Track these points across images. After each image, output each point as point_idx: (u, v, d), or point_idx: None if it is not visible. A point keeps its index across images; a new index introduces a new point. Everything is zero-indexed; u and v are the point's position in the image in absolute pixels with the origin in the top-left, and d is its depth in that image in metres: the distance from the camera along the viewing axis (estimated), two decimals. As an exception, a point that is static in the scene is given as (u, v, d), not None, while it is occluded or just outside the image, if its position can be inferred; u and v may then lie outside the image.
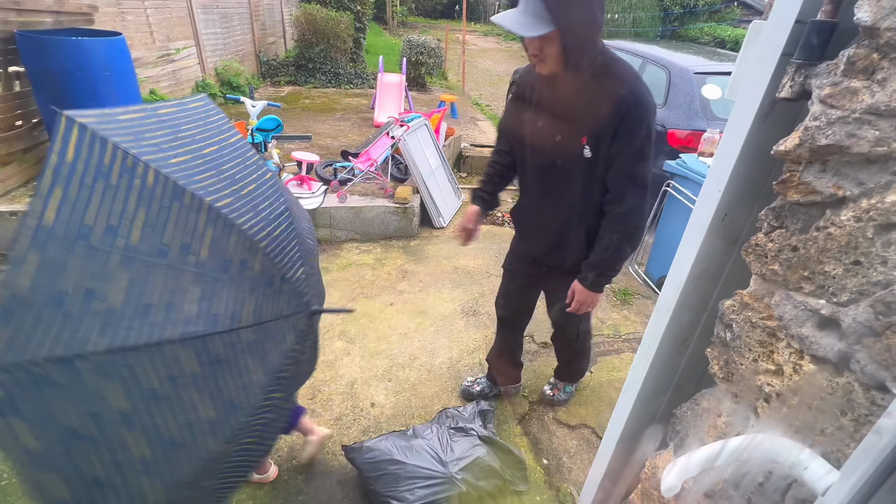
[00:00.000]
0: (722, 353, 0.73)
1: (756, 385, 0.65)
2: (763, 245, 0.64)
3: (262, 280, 0.85)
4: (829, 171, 0.55)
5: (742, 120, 0.67)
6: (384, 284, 3.24)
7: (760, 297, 0.66)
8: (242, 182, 0.93)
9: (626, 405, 0.96)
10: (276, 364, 0.87)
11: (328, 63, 7.98)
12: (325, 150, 4.74)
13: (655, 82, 4.38)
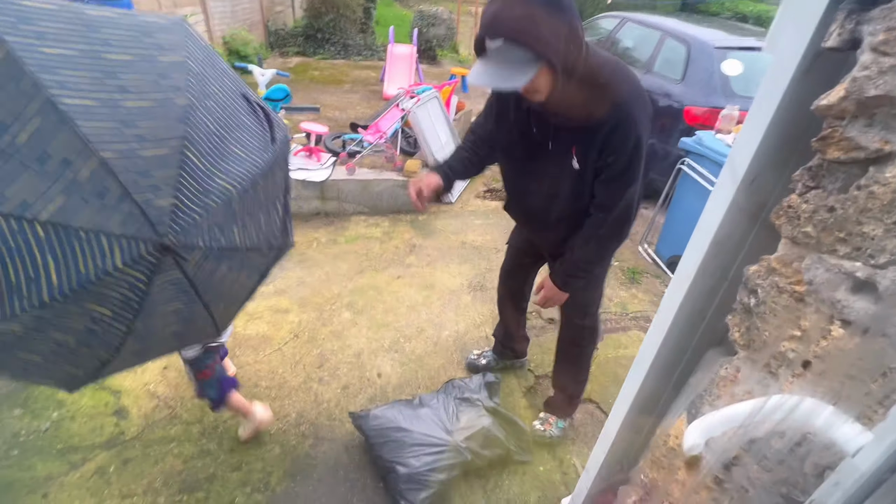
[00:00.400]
0: (744, 319, 0.71)
1: (779, 351, 0.64)
2: (796, 207, 0.61)
3: (88, 188, 0.82)
4: (877, 124, 0.51)
5: (780, 75, 0.63)
6: (392, 258, 3.23)
7: (789, 262, 0.63)
8: (137, 95, 0.90)
9: (640, 373, 0.95)
10: (86, 276, 0.84)
11: (337, 34, 7.81)
12: (333, 122, 4.67)
13: (673, 57, 4.25)
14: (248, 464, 1.85)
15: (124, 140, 0.86)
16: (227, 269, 1.11)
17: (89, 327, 0.93)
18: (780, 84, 0.63)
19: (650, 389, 0.96)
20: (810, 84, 0.61)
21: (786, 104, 0.64)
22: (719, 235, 0.77)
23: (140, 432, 1.93)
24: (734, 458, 0.68)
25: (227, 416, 2.02)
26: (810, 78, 0.61)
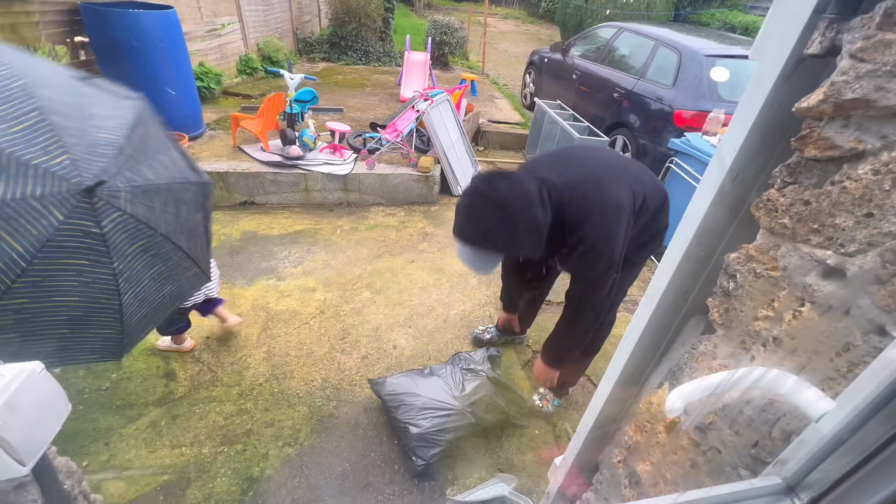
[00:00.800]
0: (723, 301, 0.71)
1: (754, 330, 0.64)
2: (775, 200, 0.61)
3: None
4: (852, 125, 0.51)
5: (765, 79, 0.62)
6: (406, 244, 3.24)
7: (766, 250, 0.63)
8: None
9: (627, 349, 0.95)
10: (41, 236, 0.88)
11: (359, 41, 7.74)
12: (355, 121, 4.66)
13: (666, 64, 4.15)
14: (280, 422, 1.90)
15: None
16: (163, 205, 1.16)
17: (81, 280, 0.97)
18: (764, 87, 0.62)
19: (636, 363, 0.96)
20: (792, 88, 0.60)
21: (769, 106, 0.63)
22: (704, 226, 0.76)
23: (186, 392, 1.99)
24: (709, 423, 0.69)
25: (262, 381, 2.07)
26: (792, 82, 0.60)
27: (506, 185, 1.26)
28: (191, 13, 4.89)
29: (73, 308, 0.99)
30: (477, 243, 1.29)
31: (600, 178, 1.40)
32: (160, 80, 3.48)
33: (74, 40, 3.50)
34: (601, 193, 1.36)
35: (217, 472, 1.69)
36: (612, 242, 1.35)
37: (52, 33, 3.29)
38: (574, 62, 5.42)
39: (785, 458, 0.52)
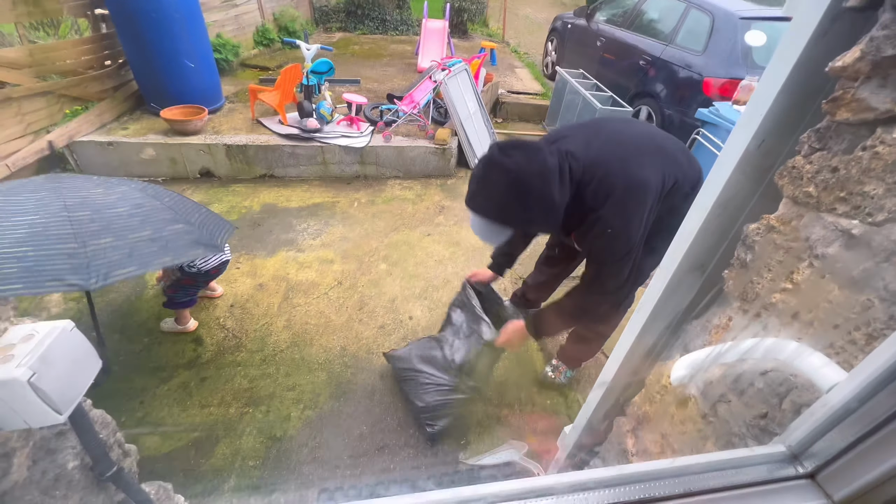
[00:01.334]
0: (740, 273, 0.69)
1: (771, 302, 0.62)
2: (800, 167, 0.58)
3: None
4: (890, 84, 0.47)
5: (798, 38, 0.58)
6: (423, 217, 3.24)
7: (788, 220, 0.60)
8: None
9: (639, 321, 0.94)
10: None
11: (376, 9, 7.52)
12: (372, 93, 4.59)
13: (696, 28, 3.90)
14: (301, 386, 1.98)
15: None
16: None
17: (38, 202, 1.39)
18: (797, 46, 0.58)
19: (648, 335, 0.96)
20: (827, 46, 0.56)
21: (800, 67, 0.59)
22: (724, 196, 0.74)
23: (213, 357, 2.08)
24: (719, 395, 0.69)
25: (283, 348, 2.15)
26: (827, 40, 0.56)
27: (524, 156, 1.19)
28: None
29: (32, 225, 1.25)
30: (488, 215, 1.26)
31: (628, 155, 1.30)
32: (179, 53, 3.48)
33: (95, 13, 3.52)
34: (626, 172, 1.26)
35: (243, 431, 1.79)
36: (631, 226, 1.26)
37: (74, 6, 3.32)
38: (599, 28, 5.16)
39: (791, 427, 0.51)
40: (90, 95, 3.50)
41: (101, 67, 3.61)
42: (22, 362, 0.45)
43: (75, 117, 3.34)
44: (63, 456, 0.63)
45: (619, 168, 1.27)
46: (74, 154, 3.31)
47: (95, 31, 3.60)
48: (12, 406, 0.46)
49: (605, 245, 1.31)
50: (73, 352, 0.50)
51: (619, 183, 1.25)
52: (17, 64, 2.96)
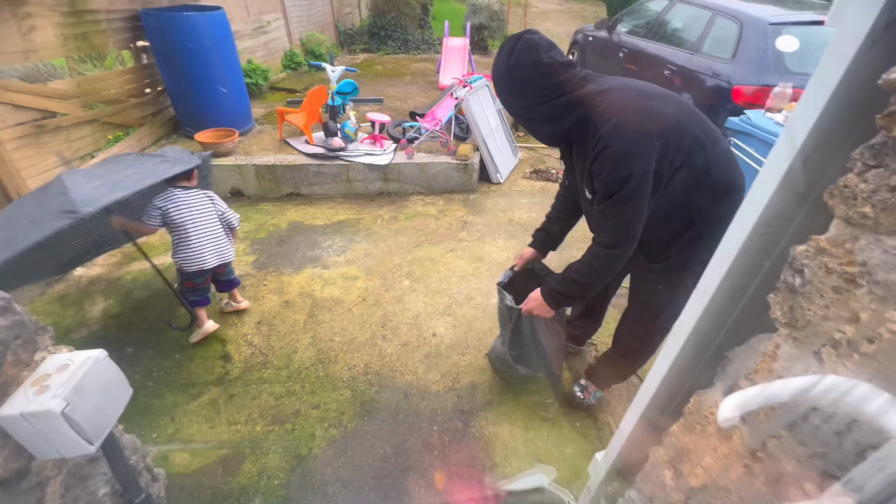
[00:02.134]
0: (787, 298, 0.64)
1: (824, 331, 0.57)
2: (853, 186, 0.53)
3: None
4: (956, 97, 0.43)
5: (844, 49, 0.54)
6: (446, 233, 3.24)
7: (841, 243, 0.56)
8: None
9: (676, 345, 0.89)
10: None
11: (398, 30, 7.72)
12: (395, 111, 4.68)
13: (724, 36, 3.81)
14: (326, 404, 1.98)
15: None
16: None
17: None
18: (843, 57, 0.54)
19: (686, 360, 0.90)
20: (878, 56, 0.52)
21: (849, 79, 0.55)
22: (766, 215, 0.69)
23: (241, 374, 2.12)
24: (770, 430, 0.63)
25: (308, 365, 2.16)
26: (879, 50, 0.52)
27: (544, 39, 1.20)
28: (238, 12, 5.08)
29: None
30: (500, 82, 1.27)
31: (646, 92, 1.26)
32: (213, 79, 3.65)
33: (137, 45, 3.75)
34: (637, 100, 1.23)
35: (269, 449, 1.79)
36: (633, 154, 1.17)
37: (118, 39, 3.54)
38: (621, 39, 5.12)
39: (859, 479, 0.46)
40: (131, 121, 3.70)
41: (141, 95, 3.82)
42: (57, 393, 0.46)
43: (117, 142, 3.54)
44: (94, 483, 0.63)
45: (632, 96, 1.24)
46: (116, 177, 3.49)
47: (137, 62, 3.83)
48: (47, 436, 0.47)
49: (606, 176, 1.21)
50: (106, 381, 0.51)
51: (627, 105, 1.21)
52: (67, 95, 3.18)
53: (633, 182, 1.18)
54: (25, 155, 2.91)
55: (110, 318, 2.43)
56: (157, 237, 3.09)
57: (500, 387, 2.07)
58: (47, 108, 3.03)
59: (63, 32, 3.06)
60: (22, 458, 0.50)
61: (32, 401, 0.46)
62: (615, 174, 1.20)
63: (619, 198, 1.22)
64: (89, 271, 2.75)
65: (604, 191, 1.24)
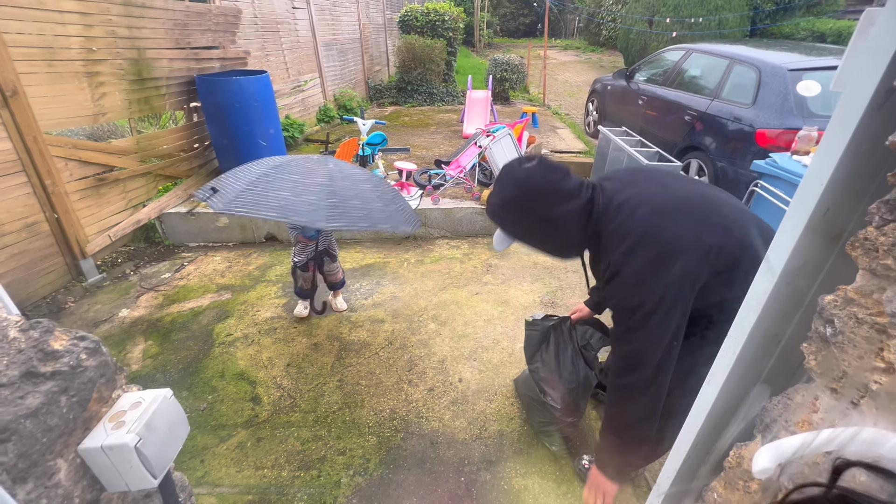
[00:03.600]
0: (820, 348, 0.64)
1: (861, 382, 0.57)
2: (874, 239, 0.56)
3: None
4: (960, 159, 0.46)
5: (851, 111, 0.58)
6: (471, 276, 3.28)
7: (869, 293, 0.57)
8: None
9: (710, 396, 0.88)
10: None
11: (424, 84, 8.23)
12: (421, 159, 4.91)
13: (742, 82, 3.90)
14: (352, 450, 1.97)
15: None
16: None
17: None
18: (851, 119, 0.59)
19: (721, 411, 0.89)
20: (883, 119, 0.56)
21: (858, 138, 0.59)
22: (792, 264, 0.71)
23: (269, 416, 2.15)
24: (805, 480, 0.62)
25: (335, 409, 2.17)
26: (883, 114, 0.56)
27: (539, 169, 1.15)
28: (280, 74, 5.58)
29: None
30: (496, 219, 1.25)
31: (665, 206, 1.13)
32: (255, 134, 3.98)
33: (190, 106, 4.15)
34: (653, 221, 1.10)
35: (294, 496, 1.78)
36: (647, 285, 1.08)
37: (174, 102, 3.94)
38: (639, 87, 5.29)
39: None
40: (179, 173, 4.03)
41: (190, 150, 4.18)
42: (131, 428, 0.52)
43: (166, 192, 3.84)
44: (147, 518, 0.67)
45: (647, 214, 1.12)
46: (163, 223, 3.76)
47: (188, 121, 4.22)
48: (118, 469, 0.52)
49: (618, 302, 1.15)
50: (170, 418, 0.56)
51: (638, 228, 1.11)
52: (127, 151, 3.52)
53: (644, 309, 1.09)
54: (86, 205, 3.20)
55: (149, 359, 2.54)
56: (196, 279, 3.26)
57: (529, 436, 2.01)
58: (109, 163, 3.36)
59: (128, 97, 3.45)
60: (95, 489, 0.54)
61: (110, 435, 0.51)
62: (627, 302, 1.12)
63: (633, 324, 1.12)
64: (133, 312, 2.91)
65: (616, 317, 1.19)
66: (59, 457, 0.49)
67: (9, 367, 0.47)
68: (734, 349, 0.82)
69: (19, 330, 0.50)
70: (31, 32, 2.73)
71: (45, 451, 0.48)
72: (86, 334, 0.58)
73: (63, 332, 0.56)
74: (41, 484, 0.48)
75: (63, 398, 0.51)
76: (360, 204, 1.94)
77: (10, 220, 2.73)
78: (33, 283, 2.91)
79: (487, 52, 16.02)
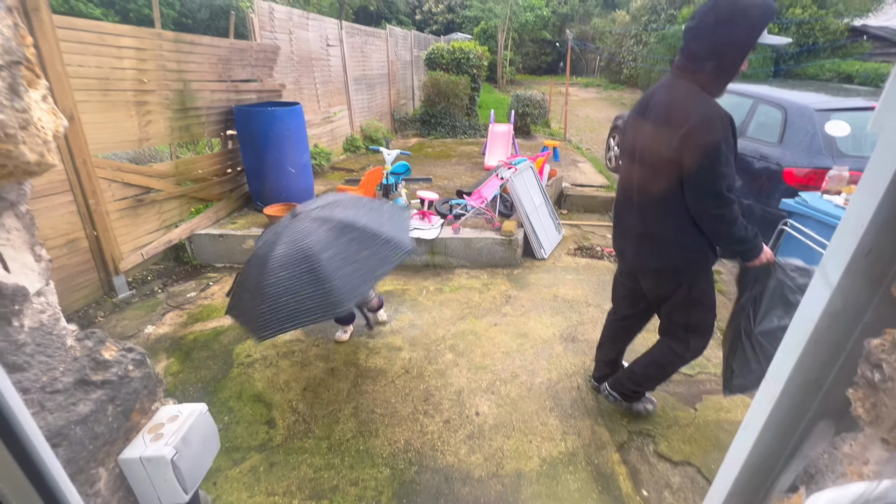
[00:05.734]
0: (868, 394, 0.62)
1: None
2: (922, 282, 0.54)
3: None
4: None
5: (891, 153, 0.59)
6: (489, 307, 3.26)
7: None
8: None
9: (747, 442, 0.84)
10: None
11: (448, 118, 8.50)
12: (443, 189, 5.00)
13: (767, 122, 3.90)
14: (364, 481, 1.92)
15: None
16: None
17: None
18: (891, 160, 0.59)
19: (759, 458, 0.84)
20: (927, 162, 0.56)
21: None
22: (833, 306, 0.69)
23: (283, 441, 2.13)
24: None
25: (349, 437, 2.14)
26: (926, 156, 0.56)
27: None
28: (311, 105, 5.86)
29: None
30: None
31: None
32: (285, 162, 4.15)
33: (226, 133, 4.39)
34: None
35: (304, 527, 1.73)
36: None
37: (212, 129, 4.18)
38: (662, 124, 5.33)
39: None
40: (212, 197, 4.21)
41: (223, 175, 4.38)
42: (169, 441, 0.53)
43: (198, 214, 4.01)
44: (170, 536, 0.67)
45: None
46: (192, 244, 3.90)
47: (224, 147, 4.45)
48: (153, 482, 0.53)
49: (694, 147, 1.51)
50: (205, 433, 0.57)
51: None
52: (165, 174, 3.71)
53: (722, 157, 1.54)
54: (124, 224, 3.36)
55: (170, 376, 2.58)
56: (220, 299, 3.34)
57: (547, 477, 1.93)
58: (148, 185, 3.55)
59: (171, 125, 3.67)
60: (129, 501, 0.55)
61: (149, 446, 0.53)
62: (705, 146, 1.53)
63: (715, 165, 1.55)
64: (158, 329, 2.99)
65: (698, 164, 1.55)
66: (101, 465, 0.51)
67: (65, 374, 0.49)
68: (773, 393, 0.79)
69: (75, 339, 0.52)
70: (91, 66, 2.97)
71: (90, 458, 0.49)
72: (133, 346, 0.61)
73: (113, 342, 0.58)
74: (83, 492, 0.49)
75: (110, 407, 0.53)
76: (357, 265, 1.86)
77: (53, 235, 2.89)
78: (68, 297, 3.03)
79: (510, 89, 16.51)
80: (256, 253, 2.05)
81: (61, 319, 0.56)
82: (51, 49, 2.68)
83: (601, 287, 3.53)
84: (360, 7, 20.74)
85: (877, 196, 0.62)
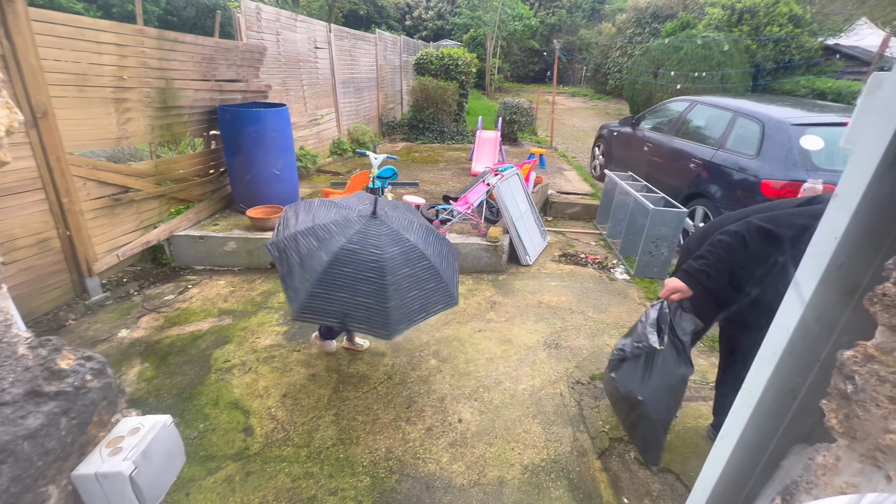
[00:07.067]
0: (841, 406, 0.62)
1: (887, 445, 0.55)
2: (892, 295, 0.55)
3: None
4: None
5: (862, 169, 0.60)
6: (474, 313, 3.25)
7: (890, 351, 0.56)
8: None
9: (724, 451, 0.85)
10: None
11: (435, 123, 8.52)
12: (429, 194, 4.99)
13: (746, 135, 4.01)
14: (343, 490, 1.88)
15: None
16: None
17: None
18: (862, 176, 0.60)
19: (736, 468, 0.85)
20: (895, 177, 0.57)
21: (871, 195, 0.60)
22: (807, 317, 0.70)
23: (260, 449, 2.07)
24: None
25: (329, 445, 2.10)
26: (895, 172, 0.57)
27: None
28: (298, 107, 5.80)
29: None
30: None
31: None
32: (269, 163, 4.09)
33: (209, 133, 4.30)
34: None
35: (280, 539, 1.68)
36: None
37: (195, 129, 4.09)
38: (645, 135, 5.44)
39: None
40: (193, 197, 4.11)
41: (205, 175, 4.29)
42: (128, 455, 0.50)
43: (178, 215, 3.91)
44: (129, 555, 0.63)
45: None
46: (171, 245, 3.79)
47: (207, 148, 4.36)
48: (109, 499, 0.49)
49: None
50: (168, 446, 0.54)
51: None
52: (144, 174, 3.61)
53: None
54: (99, 224, 3.25)
55: (143, 382, 2.49)
56: (199, 302, 3.25)
57: (530, 485, 1.92)
58: (126, 185, 3.44)
59: (152, 123, 3.58)
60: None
61: (106, 461, 0.49)
62: None
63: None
64: (132, 333, 2.89)
65: None
66: (51, 483, 0.47)
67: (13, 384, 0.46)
68: (749, 402, 0.79)
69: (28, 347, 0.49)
70: (68, 60, 2.88)
71: (38, 476, 0.46)
72: (93, 354, 0.57)
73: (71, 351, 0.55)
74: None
75: (63, 420, 0.50)
76: (417, 293, 1.97)
77: (23, 234, 2.77)
78: (37, 299, 2.91)
79: (498, 96, 16.66)
80: (338, 254, 1.94)
81: (13, 326, 0.53)
82: (25, 42, 2.59)
83: (585, 294, 3.56)
84: (349, 11, 20.73)
85: (850, 210, 0.63)
